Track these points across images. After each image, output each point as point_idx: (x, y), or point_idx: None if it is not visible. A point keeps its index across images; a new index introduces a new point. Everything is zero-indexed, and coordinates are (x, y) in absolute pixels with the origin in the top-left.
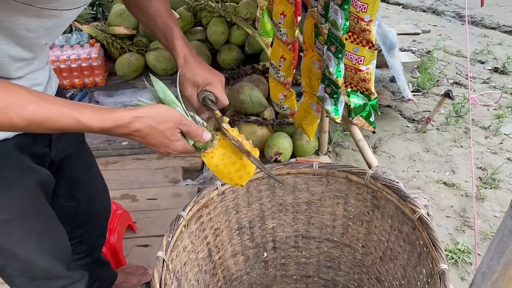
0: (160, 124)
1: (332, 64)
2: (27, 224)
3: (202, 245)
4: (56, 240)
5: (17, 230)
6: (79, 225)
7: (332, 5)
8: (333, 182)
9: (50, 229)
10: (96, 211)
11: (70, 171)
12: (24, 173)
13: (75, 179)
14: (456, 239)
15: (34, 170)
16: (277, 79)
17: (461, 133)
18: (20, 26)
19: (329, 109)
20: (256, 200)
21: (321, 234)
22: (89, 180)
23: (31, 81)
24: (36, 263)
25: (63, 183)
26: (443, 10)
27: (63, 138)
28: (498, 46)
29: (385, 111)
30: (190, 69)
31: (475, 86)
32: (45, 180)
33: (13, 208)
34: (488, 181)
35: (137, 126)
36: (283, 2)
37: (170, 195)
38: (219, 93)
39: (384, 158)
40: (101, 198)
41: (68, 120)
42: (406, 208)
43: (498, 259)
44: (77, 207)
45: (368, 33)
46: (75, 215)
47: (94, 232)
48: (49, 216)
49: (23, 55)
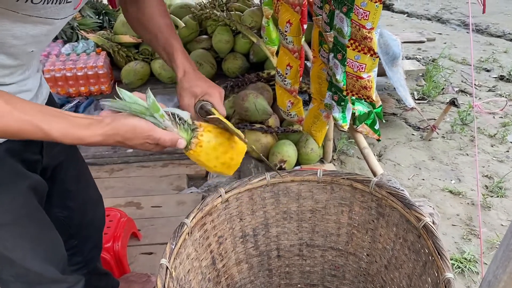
0: (129, 140)
1: (339, 72)
2: (20, 229)
3: (205, 253)
4: (50, 245)
5: (9, 235)
6: (72, 235)
7: (338, 13)
8: (337, 190)
9: (44, 234)
10: (89, 221)
11: (62, 180)
12: (16, 177)
13: (67, 189)
14: (462, 248)
15: (26, 175)
16: (284, 86)
17: (466, 141)
18: (6, 33)
19: (337, 116)
20: (260, 207)
21: (326, 243)
22: (81, 190)
23: (20, 87)
24: (30, 268)
25: (56, 192)
26: (448, 18)
27: (56, 145)
28: (503, 54)
29: (390, 119)
30: (189, 80)
31: (480, 94)
32: (37, 185)
33: (5, 212)
34: (495, 189)
35: (108, 142)
36: (289, 10)
37: (174, 203)
38: (216, 102)
39: (389, 166)
40: (95, 208)
41: (39, 134)
42: (411, 216)
43: (504, 268)
44: (69, 217)
45: (370, 41)
46: (68, 226)
47: (88, 242)
48: (42, 221)
49: (8, 62)
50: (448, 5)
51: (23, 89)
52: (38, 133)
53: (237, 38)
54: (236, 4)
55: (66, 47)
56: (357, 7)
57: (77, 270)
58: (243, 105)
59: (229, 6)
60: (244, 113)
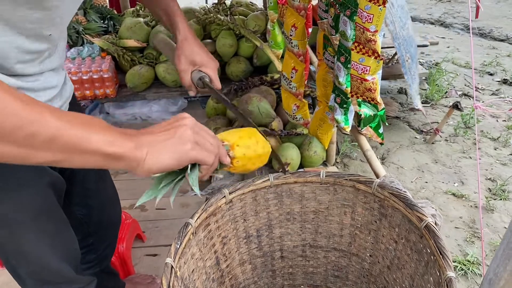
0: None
1: (341, 74)
2: (40, 225)
3: (210, 253)
4: (67, 243)
5: (29, 231)
6: (90, 233)
7: (342, 16)
8: (340, 191)
9: (61, 232)
10: (107, 220)
11: (82, 178)
12: (36, 174)
13: (87, 187)
14: (465, 250)
15: (46, 171)
16: (289, 90)
17: (470, 144)
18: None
19: (339, 118)
20: (263, 208)
21: (329, 243)
22: (101, 189)
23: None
24: (47, 265)
25: (76, 191)
26: (451, 22)
27: None
28: (507, 58)
29: (393, 122)
30: (190, 46)
31: (484, 97)
32: (56, 182)
33: (25, 209)
34: (498, 192)
35: None
36: (294, 14)
37: (178, 205)
38: (214, 76)
39: (392, 169)
40: (113, 207)
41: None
42: (413, 216)
43: (504, 266)
44: (88, 216)
45: (374, 44)
46: (86, 224)
47: (104, 241)
48: (60, 219)
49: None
50: (451, 9)
51: (47, 86)
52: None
53: (240, 42)
54: (239, 9)
55: (72, 51)
56: (361, 10)
57: (89, 268)
58: (247, 108)
59: (233, 11)
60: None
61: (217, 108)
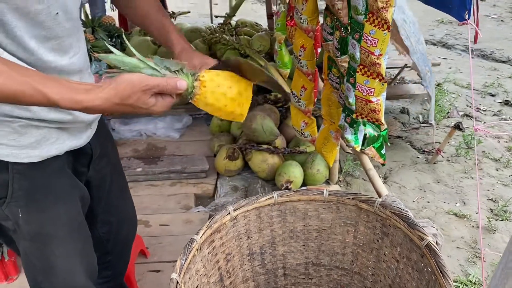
0: (127, 99)
1: (351, 95)
2: (71, 241)
3: (214, 270)
4: (92, 260)
5: (61, 245)
6: (108, 251)
7: (351, 40)
8: (343, 210)
9: (88, 248)
10: (124, 237)
11: (107, 195)
12: (72, 188)
13: (110, 203)
14: (467, 271)
15: (78, 186)
16: (298, 107)
17: (471, 164)
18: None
19: (349, 138)
20: (267, 226)
21: (331, 262)
22: (122, 205)
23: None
24: (73, 281)
25: (101, 208)
26: (453, 43)
27: (102, 159)
28: (508, 79)
29: (395, 142)
30: (187, 54)
31: (485, 118)
32: (84, 196)
33: (61, 223)
34: (499, 213)
35: (106, 107)
36: (303, 36)
37: (182, 221)
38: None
39: (394, 188)
40: (131, 224)
41: (38, 97)
42: (415, 235)
43: (503, 286)
44: (108, 233)
45: (378, 67)
46: (106, 241)
47: (120, 258)
48: (87, 235)
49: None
50: (453, 30)
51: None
52: (36, 96)
53: None
54: (245, 29)
55: None
56: (366, 34)
57: (104, 283)
58: (251, 126)
59: (238, 31)
60: (252, 134)
61: (221, 125)
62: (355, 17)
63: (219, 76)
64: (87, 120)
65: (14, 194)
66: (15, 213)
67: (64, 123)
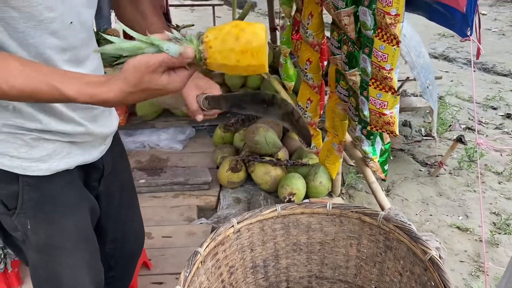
0: (138, 85)
1: (365, 108)
2: (79, 251)
3: (217, 282)
4: (99, 271)
5: (69, 257)
6: (112, 267)
7: (361, 54)
8: (346, 223)
9: (95, 259)
10: (129, 252)
11: (116, 212)
12: (81, 200)
13: (119, 220)
14: (470, 285)
15: (88, 198)
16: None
17: (474, 177)
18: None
19: (367, 150)
20: (270, 238)
21: (335, 275)
22: (129, 221)
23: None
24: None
25: (110, 225)
26: (455, 57)
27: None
28: (510, 92)
29: (398, 155)
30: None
31: (487, 131)
32: (94, 208)
33: (69, 234)
34: (502, 226)
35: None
36: (309, 49)
37: (184, 233)
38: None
39: (397, 201)
40: (136, 240)
41: (55, 94)
42: (418, 249)
43: None
44: (114, 249)
45: (390, 80)
46: (111, 257)
47: (124, 273)
48: (95, 247)
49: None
50: (455, 44)
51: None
52: (53, 93)
53: None
54: None
55: None
56: (375, 49)
57: None
58: (254, 138)
59: None
60: (255, 146)
61: (224, 137)
62: (365, 32)
63: (223, 30)
64: (99, 133)
65: (23, 205)
66: (24, 224)
67: (75, 136)
